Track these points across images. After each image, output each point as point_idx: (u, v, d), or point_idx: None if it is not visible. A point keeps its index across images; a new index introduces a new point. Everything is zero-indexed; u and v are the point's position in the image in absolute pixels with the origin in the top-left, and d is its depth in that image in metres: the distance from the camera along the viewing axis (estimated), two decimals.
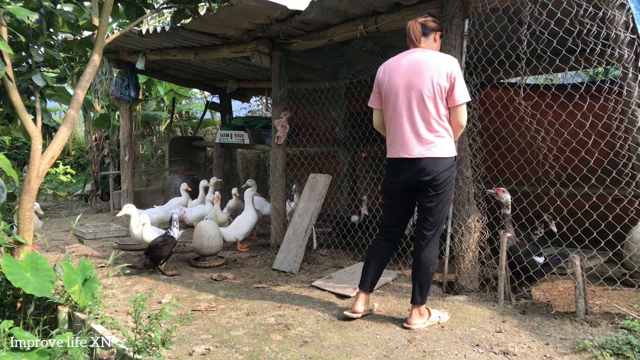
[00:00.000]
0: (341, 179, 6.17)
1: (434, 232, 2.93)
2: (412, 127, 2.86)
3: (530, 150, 4.17)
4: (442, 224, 2.95)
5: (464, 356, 2.57)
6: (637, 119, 2.89)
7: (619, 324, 2.85)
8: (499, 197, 3.40)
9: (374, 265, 3.10)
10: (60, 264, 3.15)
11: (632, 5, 2.83)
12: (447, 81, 2.81)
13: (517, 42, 3.36)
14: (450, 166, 2.87)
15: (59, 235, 5.79)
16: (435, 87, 2.80)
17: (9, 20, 3.19)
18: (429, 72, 2.81)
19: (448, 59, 2.86)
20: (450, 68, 2.81)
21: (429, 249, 2.92)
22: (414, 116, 2.85)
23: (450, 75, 2.81)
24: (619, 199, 3.55)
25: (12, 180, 3.19)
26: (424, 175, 2.83)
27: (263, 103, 10.60)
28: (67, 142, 9.83)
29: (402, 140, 2.90)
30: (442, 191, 2.86)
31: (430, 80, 2.80)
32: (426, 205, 2.90)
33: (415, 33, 2.92)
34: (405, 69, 2.88)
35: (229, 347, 2.71)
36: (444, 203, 2.90)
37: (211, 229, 4.46)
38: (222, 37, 4.93)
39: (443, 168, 2.83)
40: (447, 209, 2.95)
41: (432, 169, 2.82)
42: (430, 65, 2.82)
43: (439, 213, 2.91)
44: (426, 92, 2.81)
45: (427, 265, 2.91)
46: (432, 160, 2.82)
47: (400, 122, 2.90)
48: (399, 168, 2.94)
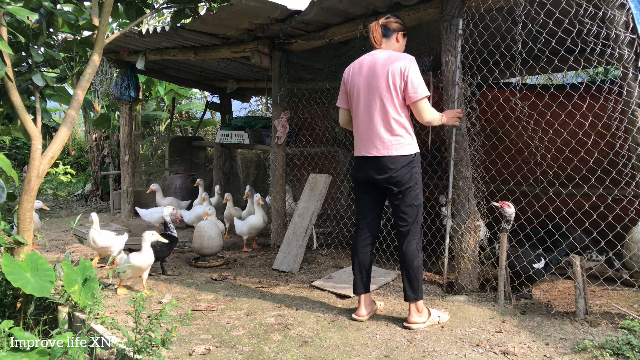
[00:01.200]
0: (341, 179, 6.17)
1: (409, 227, 2.97)
2: (371, 127, 2.96)
3: (527, 150, 4.17)
4: (417, 219, 2.98)
5: (464, 356, 2.57)
6: (637, 119, 2.89)
7: (619, 324, 2.85)
8: (503, 210, 3.41)
9: (357, 265, 3.17)
10: (60, 264, 3.15)
11: (632, 5, 2.83)
12: (400, 79, 2.86)
13: (511, 42, 3.36)
14: (409, 162, 2.92)
15: (59, 235, 5.79)
16: (391, 86, 2.88)
17: (9, 20, 3.19)
18: (384, 72, 2.89)
19: (402, 57, 2.91)
20: (403, 66, 2.86)
21: (408, 244, 2.97)
22: (373, 116, 2.95)
23: (403, 72, 2.86)
24: (618, 199, 3.55)
25: (12, 180, 3.19)
26: (383, 173, 2.94)
27: (263, 103, 10.61)
28: (67, 142, 9.84)
29: (364, 140, 3.02)
30: (407, 187, 2.92)
31: (386, 80, 2.88)
32: (394, 203, 3.01)
33: (374, 35, 3.02)
34: (365, 71, 2.98)
35: (229, 347, 2.71)
36: (413, 198, 2.94)
37: (211, 229, 4.46)
38: (222, 37, 4.93)
39: (400, 165, 2.90)
40: (418, 204, 2.97)
41: (390, 167, 2.91)
42: (384, 66, 2.90)
43: (410, 208, 2.96)
44: (383, 92, 2.90)
45: (410, 260, 2.95)
46: (390, 158, 2.91)
47: (362, 121, 3.01)
48: (362, 165, 3.05)
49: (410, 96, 2.87)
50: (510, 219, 3.40)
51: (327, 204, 5.73)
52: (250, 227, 4.94)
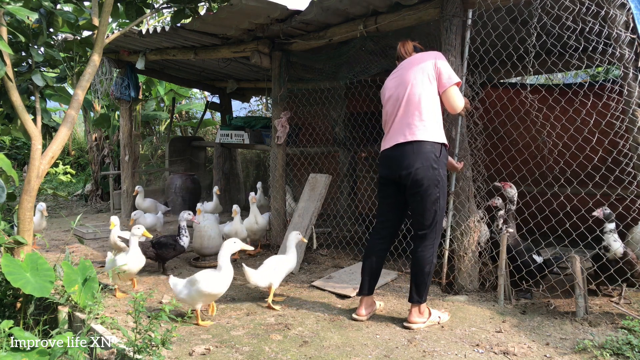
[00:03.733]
0: (341, 179, 6.17)
1: (427, 232, 2.91)
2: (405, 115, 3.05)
3: (529, 150, 4.17)
4: (435, 225, 2.90)
5: (464, 356, 2.57)
6: (637, 119, 2.89)
7: (619, 324, 2.85)
8: (505, 191, 3.40)
9: (368, 267, 3.11)
10: (60, 264, 3.15)
11: (632, 5, 2.83)
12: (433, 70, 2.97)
13: (514, 42, 3.36)
14: (434, 158, 2.86)
15: (59, 235, 5.79)
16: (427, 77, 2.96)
17: (9, 20, 3.19)
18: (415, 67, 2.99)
19: (428, 53, 3.01)
20: (433, 58, 2.95)
21: (423, 249, 2.91)
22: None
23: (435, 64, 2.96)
24: (620, 198, 3.55)
25: (12, 180, 3.19)
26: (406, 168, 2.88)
27: (263, 103, 10.61)
28: (67, 142, 9.83)
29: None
30: (426, 188, 2.83)
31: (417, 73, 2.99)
32: (412, 204, 2.95)
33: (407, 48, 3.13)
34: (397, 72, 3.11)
35: (229, 347, 2.71)
36: (432, 203, 2.86)
37: (211, 229, 4.46)
38: (222, 37, 4.93)
39: (424, 160, 2.85)
40: (437, 209, 2.88)
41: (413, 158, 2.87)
42: (414, 63, 3.01)
43: (427, 212, 2.87)
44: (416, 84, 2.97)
45: (422, 265, 2.91)
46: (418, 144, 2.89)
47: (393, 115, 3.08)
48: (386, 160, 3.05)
49: (444, 83, 2.89)
50: (513, 199, 3.39)
51: (327, 204, 5.73)
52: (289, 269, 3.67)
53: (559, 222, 3.64)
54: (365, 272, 3.11)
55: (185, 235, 4.09)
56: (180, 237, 4.07)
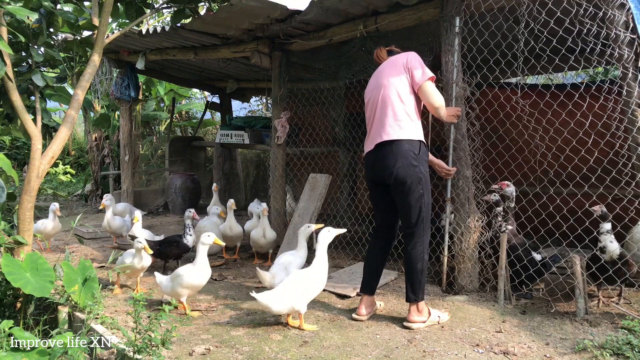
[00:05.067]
0: (341, 179, 6.18)
1: (414, 229, 2.93)
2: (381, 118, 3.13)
3: (527, 149, 4.17)
4: (422, 222, 2.92)
5: (464, 356, 2.57)
6: (637, 119, 2.89)
7: (619, 324, 2.85)
8: (504, 191, 3.42)
9: (369, 266, 3.15)
10: (60, 264, 3.15)
11: (632, 5, 2.83)
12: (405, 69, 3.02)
13: (512, 41, 3.36)
14: (413, 156, 2.90)
15: (59, 235, 5.78)
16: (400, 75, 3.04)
17: (9, 20, 3.19)
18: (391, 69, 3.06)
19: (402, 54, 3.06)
20: (405, 57, 3.01)
21: (413, 246, 2.94)
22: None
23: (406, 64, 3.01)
24: (618, 198, 3.55)
25: (12, 180, 3.20)
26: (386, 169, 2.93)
27: (263, 103, 10.61)
28: (67, 142, 9.83)
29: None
30: (409, 185, 2.87)
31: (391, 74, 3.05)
32: (397, 202, 2.98)
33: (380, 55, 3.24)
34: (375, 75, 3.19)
35: (229, 347, 2.71)
36: (416, 199, 2.88)
37: (211, 228, 4.46)
38: (222, 37, 4.93)
39: (404, 159, 2.89)
40: (423, 205, 2.90)
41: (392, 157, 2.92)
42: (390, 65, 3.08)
43: (412, 210, 2.90)
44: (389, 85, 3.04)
45: (413, 263, 2.94)
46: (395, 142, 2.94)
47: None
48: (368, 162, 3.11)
49: (416, 81, 2.91)
50: (512, 197, 3.41)
51: (327, 204, 5.72)
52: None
53: (556, 225, 3.65)
54: (366, 271, 3.16)
55: (190, 234, 4.06)
56: (184, 235, 4.07)
